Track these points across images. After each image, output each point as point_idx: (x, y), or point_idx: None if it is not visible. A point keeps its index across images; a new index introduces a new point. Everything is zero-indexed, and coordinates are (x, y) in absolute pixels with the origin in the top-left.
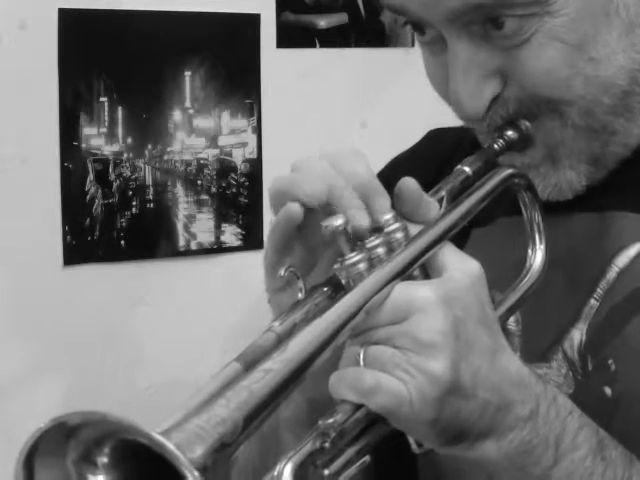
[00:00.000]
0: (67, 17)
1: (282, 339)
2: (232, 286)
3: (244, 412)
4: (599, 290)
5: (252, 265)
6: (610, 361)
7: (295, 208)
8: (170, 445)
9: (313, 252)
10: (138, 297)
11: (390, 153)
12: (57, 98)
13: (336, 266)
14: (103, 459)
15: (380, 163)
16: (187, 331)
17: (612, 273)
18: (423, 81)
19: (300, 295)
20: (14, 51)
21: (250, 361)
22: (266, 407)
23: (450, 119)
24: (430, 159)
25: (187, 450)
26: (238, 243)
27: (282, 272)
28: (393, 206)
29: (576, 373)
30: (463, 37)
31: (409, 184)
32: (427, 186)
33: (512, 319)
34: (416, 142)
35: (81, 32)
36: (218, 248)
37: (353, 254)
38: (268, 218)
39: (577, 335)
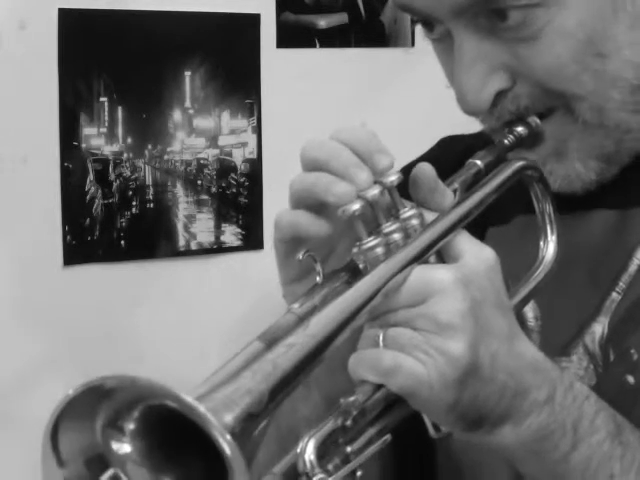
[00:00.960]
0: (67, 17)
1: (302, 320)
2: (232, 286)
3: (269, 384)
4: (621, 284)
5: (252, 265)
6: (632, 350)
7: (322, 227)
8: (202, 408)
9: (331, 238)
10: (138, 297)
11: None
12: (57, 98)
13: (354, 250)
14: (130, 425)
15: None
16: (187, 331)
17: (634, 266)
18: (423, 81)
19: (318, 279)
20: (14, 51)
21: (272, 339)
22: (290, 380)
23: (450, 119)
24: (441, 165)
25: (217, 416)
26: (238, 243)
27: (300, 256)
28: (408, 193)
29: (597, 366)
30: (470, 31)
31: (425, 169)
32: None
33: (531, 315)
34: (427, 149)
35: (81, 32)
36: (218, 248)
37: (370, 238)
38: (268, 218)
39: (599, 328)
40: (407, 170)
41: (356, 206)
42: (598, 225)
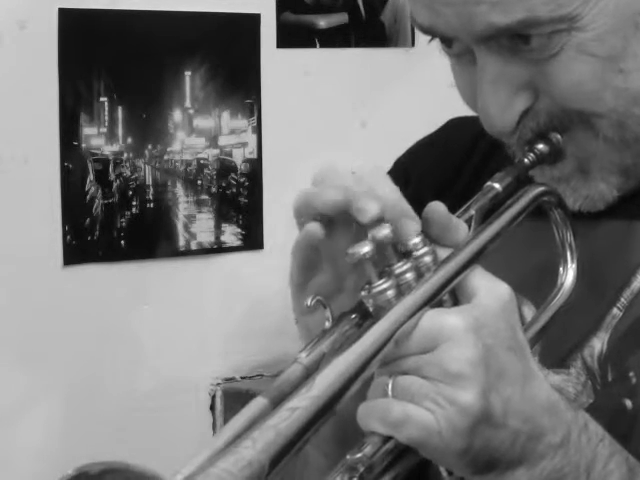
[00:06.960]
0: (67, 17)
1: (309, 372)
2: (232, 286)
3: (271, 453)
4: (622, 300)
5: (252, 265)
6: (631, 373)
7: (314, 227)
8: None
9: (340, 276)
10: (138, 297)
11: (390, 153)
12: (57, 98)
13: (363, 293)
14: None
15: (380, 163)
16: (187, 331)
17: (637, 283)
18: (423, 81)
19: (327, 324)
20: (14, 51)
21: (276, 396)
22: (293, 446)
23: (450, 118)
24: (451, 147)
25: None
26: (238, 243)
27: (309, 302)
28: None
29: (595, 382)
30: (492, 51)
31: (437, 208)
32: (447, 178)
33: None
34: (436, 130)
35: (81, 32)
36: (218, 248)
37: (381, 281)
38: (268, 218)
39: (598, 344)
40: (414, 150)
41: (366, 249)
42: (604, 236)
